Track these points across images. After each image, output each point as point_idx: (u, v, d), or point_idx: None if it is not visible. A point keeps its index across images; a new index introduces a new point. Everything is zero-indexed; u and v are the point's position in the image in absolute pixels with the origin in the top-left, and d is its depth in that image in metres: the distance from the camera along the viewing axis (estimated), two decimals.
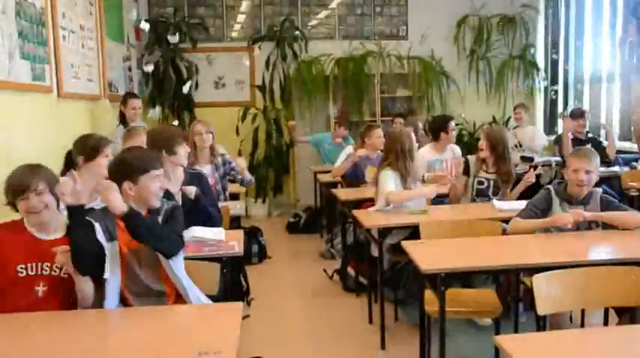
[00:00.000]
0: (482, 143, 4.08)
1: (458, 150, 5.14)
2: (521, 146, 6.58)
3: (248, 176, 4.41)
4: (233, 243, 3.00)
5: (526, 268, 2.47)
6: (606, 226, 3.07)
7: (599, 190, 3.20)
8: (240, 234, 3.22)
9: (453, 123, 4.95)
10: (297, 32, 7.72)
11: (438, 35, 8.00)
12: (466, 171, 4.14)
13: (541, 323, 2.30)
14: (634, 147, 6.09)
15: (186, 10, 7.64)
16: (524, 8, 8.09)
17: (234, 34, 7.84)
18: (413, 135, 4.18)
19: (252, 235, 5.55)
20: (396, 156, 3.91)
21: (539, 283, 2.19)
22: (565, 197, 3.16)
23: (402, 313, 4.07)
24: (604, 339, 1.94)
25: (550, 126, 8.15)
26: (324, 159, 6.89)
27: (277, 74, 7.70)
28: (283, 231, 6.85)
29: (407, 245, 2.92)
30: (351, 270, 4.60)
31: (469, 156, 4.22)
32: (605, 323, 3.06)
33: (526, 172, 4.23)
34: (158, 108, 7.12)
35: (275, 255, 5.76)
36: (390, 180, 3.82)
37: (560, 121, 7.84)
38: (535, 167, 4.77)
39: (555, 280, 2.21)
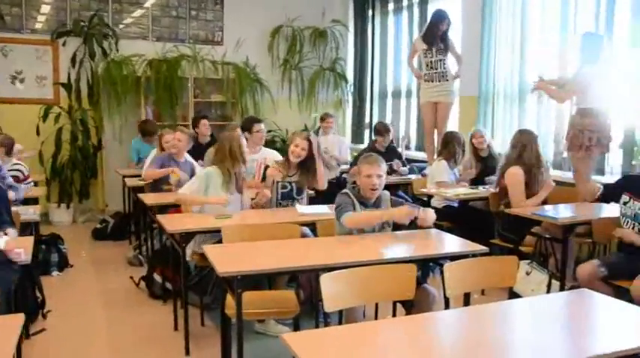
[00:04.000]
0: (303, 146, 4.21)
1: (277, 155, 5.23)
2: (327, 153, 6.93)
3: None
4: (19, 250, 2.78)
5: (319, 268, 2.62)
6: (396, 228, 3.37)
7: (387, 192, 3.51)
8: (28, 241, 3.00)
9: (259, 125, 5.07)
10: (108, 29, 7.36)
11: (253, 43, 8.16)
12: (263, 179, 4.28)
13: (327, 320, 2.44)
14: (422, 156, 6.76)
15: None
16: (335, 23, 8.56)
17: (35, 26, 7.24)
18: (243, 138, 4.24)
19: (52, 243, 5.18)
20: (222, 158, 3.98)
21: (326, 282, 2.34)
22: (360, 200, 3.40)
23: (209, 318, 4.07)
24: (380, 330, 2.12)
25: (357, 136, 8.71)
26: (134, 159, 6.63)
27: (85, 72, 7.28)
28: (89, 237, 6.48)
29: (207, 249, 2.94)
30: (157, 277, 4.50)
31: (268, 165, 4.34)
32: (394, 315, 3.35)
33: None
34: None
35: (78, 263, 5.43)
36: (203, 178, 3.93)
37: (366, 132, 8.45)
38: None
39: (340, 279, 2.38)
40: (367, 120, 8.46)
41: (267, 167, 4.29)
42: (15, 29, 7.12)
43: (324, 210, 3.90)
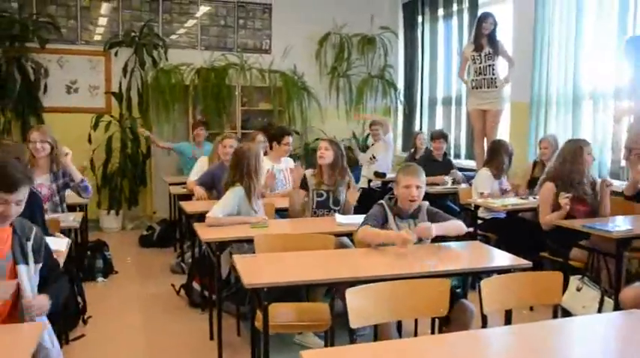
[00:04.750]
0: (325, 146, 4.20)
1: (291, 163, 5.30)
2: (375, 158, 6.83)
3: (78, 176, 4.19)
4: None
5: (347, 282, 2.51)
6: (435, 239, 3.23)
7: (426, 203, 3.38)
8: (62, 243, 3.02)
9: (288, 138, 5.09)
10: (158, 39, 7.50)
11: (300, 51, 8.13)
12: (303, 186, 4.21)
13: (355, 336, 2.33)
14: (472, 164, 6.54)
15: (35, 7, 7.13)
16: (384, 30, 8.44)
17: (88, 37, 7.45)
18: (261, 152, 4.18)
19: (97, 249, 5.26)
20: (241, 174, 3.90)
21: (351, 297, 2.23)
22: (396, 212, 3.28)
23: (246, 328, 4.01)
24: (407, 348, 2.00)
25: (407, 143, 8.54)
26: (184, 170, 6.70)
27: (135, 81, 7.43)
28: (136, 244, 6.57)
29: (237, 259, 2.89)
30: (196, 285, 4.49)
31: (306, 171, 4.30)
32: (432, 332, 3.20)
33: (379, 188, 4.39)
34: None
35: (123, 270, 5.50)
36: (235, 199, 3.84)
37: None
38: None
39: (366, 294, 2.27)
40: (417, 128, 8.28)
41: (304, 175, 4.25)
42: (70, 41, 7.33)
43: (362, 219, 3.79)
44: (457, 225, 3.27)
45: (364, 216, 3.69)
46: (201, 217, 4.28)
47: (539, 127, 5.91)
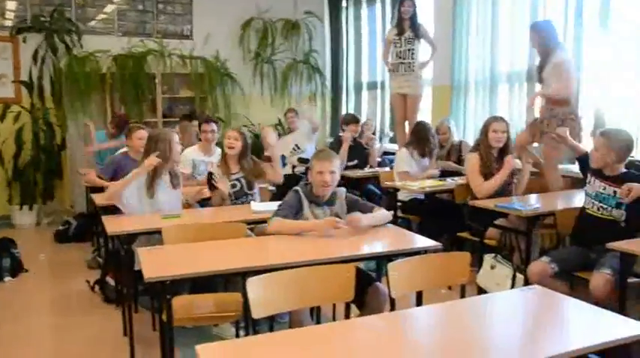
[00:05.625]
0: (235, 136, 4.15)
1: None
2: (299, 148, 6.73)
3: None
4: None
5: (249, 271, 2.43)
6: None
7: (343, 190, 3.33)
8: None
9: (207, 125, 4.95)
10: (70, 24, 7.13)
11: (223, 36, 7.93)
12: (212, 186, 4.11)
13: (257, 328, 2.25)
14: (395, 148, 6.57)
15: None
16: (308, 15, 8.35)
17: None
18: (176, 136, 4.02)
19: (3, 247, 4.96)
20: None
21: (253, 287, 2.15)
22: (312, 198, 3.22)
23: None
24: (310, 336, 1.93)
25: (334, 128, 8.52)
26: (99, 160, 6.40)
27: (47, 70, 7.04)
28: (51, 240, 6.26)
29: (141, 251, 2.75)
30: (110, 280, 4.30)
31: (210, 170, 4.19)
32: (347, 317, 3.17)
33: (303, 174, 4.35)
34: None
35: (35, 267, 5.22)
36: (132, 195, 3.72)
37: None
38: None
39: (269, 282, 2.20)
40: (343, 113, 8.27)
41: (210, 174, 4.11)
42: None
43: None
44: (385, 215, 3.25)
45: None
46: (112, 209, 4.12)
47: (458, 110, 6.00)
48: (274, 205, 3.75)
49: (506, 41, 5.53)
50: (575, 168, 4.41)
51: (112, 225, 3.42)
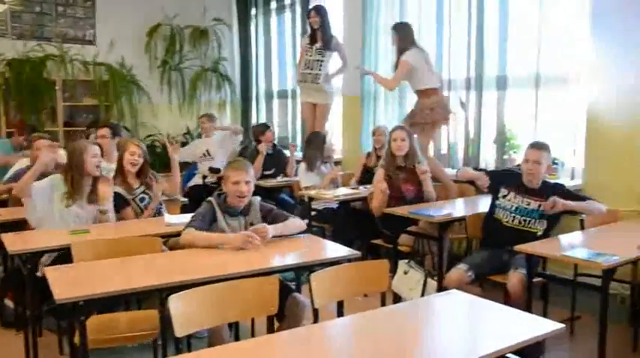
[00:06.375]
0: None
1: None
2: (209, 154, 6.55)
3: None
4: None
5: (165, 288, 2.35)
6: None
7: (258, 199, 3.30)
8: None
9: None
10: None
11: (128, 42, 7.68)
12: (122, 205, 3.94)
13: (180, 347, 2.18)
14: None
15: None
16: (217, 22, 8.24)
17: None
18: (94, 148, 3.82)
19: None
20: (65, 170, 3.63)
21: (175, 304, 2.08)
22: (226, 209, 3.16)
23: (69, 345, 3.66)
24: (233, 354, 1.90)
25: (243, 137, 8.42)
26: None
27: None
28: None
29: (48, 271, 2.59)
30: (9, 302, 4.01)
31: (111, 188, 3.95)
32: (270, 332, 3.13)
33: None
34: None
35: None
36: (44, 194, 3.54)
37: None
38: None
39: (190, 299, 2.14)
40: (254, 121, 8.21)
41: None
42: None
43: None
44: (296, 224, 3.22)
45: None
46: (13, 225, 3.86)
47: (369, 119, 6.12)
48: (188, 217, 3.68)
49: None
50: None
51: (14, 242, 3.19)
